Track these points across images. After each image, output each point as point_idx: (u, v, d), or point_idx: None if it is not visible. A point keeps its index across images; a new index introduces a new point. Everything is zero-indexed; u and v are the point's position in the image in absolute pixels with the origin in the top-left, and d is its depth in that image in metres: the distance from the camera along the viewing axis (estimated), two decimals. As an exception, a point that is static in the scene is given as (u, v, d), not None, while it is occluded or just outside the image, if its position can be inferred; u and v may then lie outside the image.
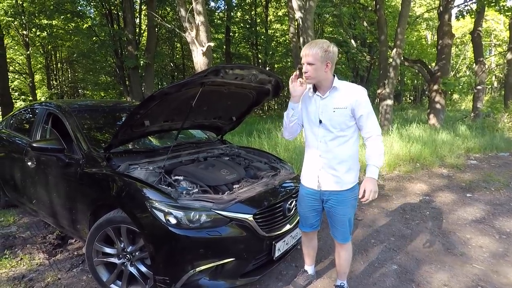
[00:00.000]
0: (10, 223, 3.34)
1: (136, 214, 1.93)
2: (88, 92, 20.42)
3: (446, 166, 6.04)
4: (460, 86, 10.16)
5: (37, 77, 19.89)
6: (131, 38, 10.55)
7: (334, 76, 1.88)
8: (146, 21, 11.90)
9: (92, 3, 13.90)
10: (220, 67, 2.08)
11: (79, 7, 13.89)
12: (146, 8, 10.20)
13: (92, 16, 15.17)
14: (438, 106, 9.88)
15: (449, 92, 11.67)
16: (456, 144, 7.44)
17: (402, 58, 9.58)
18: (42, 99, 17.47)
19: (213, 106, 2.75)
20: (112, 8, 14.04)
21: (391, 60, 8.82)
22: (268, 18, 22.11)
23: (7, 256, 2.67)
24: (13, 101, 13.80)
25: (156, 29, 13.02)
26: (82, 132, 2.58)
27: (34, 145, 2.41)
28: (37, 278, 2.39)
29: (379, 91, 9.30)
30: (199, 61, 6.16)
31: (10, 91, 14.57)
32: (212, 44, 5.81)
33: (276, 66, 25.02)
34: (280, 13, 20.58)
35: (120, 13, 13.91)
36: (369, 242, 3.03)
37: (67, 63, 20.78)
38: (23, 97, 17.30)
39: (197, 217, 1.88)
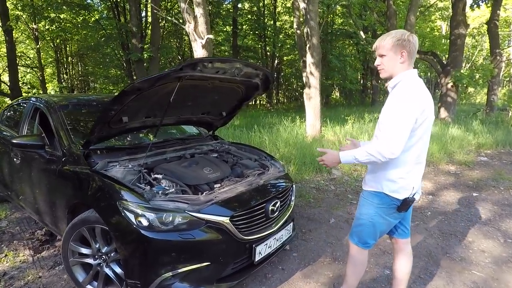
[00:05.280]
0: (1, 218, 3.34)
1: (108, 214, 1.86)
2: (97, 85, 20.64)
3: (454, 162, 5.79)
4: (474, 80, 9.72)
5: (48, 70, 20.18)
6: (135, 31, 10.49)
7: (412, 70, 1.66)
8: (152, 14, 11.84)
9: (99, -4, 13.92)
10: (197, 60, 1.97)
11: (87, 0, 13.95)
12: (150, 0, 10.10)
13: (100, 9, 15.20)
14: (449, 99, 9.51)
15: (464, 85, 11.20)
16: (466, 139, 7.15)
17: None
18: (52, 93, 17.76)
19: (199, 101, 2.64)
20: (119, 0, 14.02)
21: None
22: (277, 10, 21.73)
23: (-8, 252, 2.66)
24: (24, 94, 14.03)
25: (162, 22, 12.94)
26: (64, 128, 2.51)
27: (14, 141, 2.36)
28: (18, 276, 2.37)
29: (387, 84, 8.98)
30: (199, 54, 6.03)
31: (22, 84, 14.86)
32: (211, 36, 5.67)
33: (285, 58, 24.68)
34: (288, 4, 20.17)
35: (127, 6, 13.88)
36: (363, 244, 2.88)
37: (77, 56, 20.99)
38: (34, 91, 17.61)
39: (170, 219, 1.79)
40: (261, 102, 25.91)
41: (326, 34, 19.50)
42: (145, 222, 1.76)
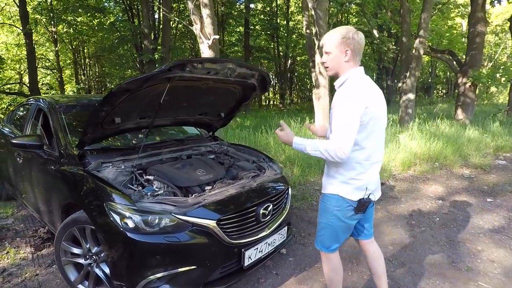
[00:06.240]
0: (8, 215, 3.44)
1: (95, 215, 1.86)
2: (114, 86, 21.12)
3: (469, 166, 5.53)
4: (495, 80, 9.29)
5: (67, 72, 20.86)
6: (147, 33, 10.66)
7: (358, 68, 1.60)
8: (164, 15, 12.00)
9: (113, -1, 14.26)
10: (186, 61, 1.94)
11: (105, 3, 14.30)
12: (161, 2, 10.23)
13: (114, 12, 15.57)
14: (467, 100, 9.13)
15: (486, 85, 10.72)
16: (484, 142, 6.83)
17: (427, 48, 8.91)
18: (71, 93, 18.33)
19: (195, 102, 2.62)
20: (134, 2, 14.31)
21: (413, 50, 8.21)
22: (290, 10, 21.58)
23: (-5, 249, 2.74)
24: (42, 95, 14.52)
25: (174, 23, 13.08)
26: (63, 129, 2.54)
27: (13, 141, 2.41)
28: (16, 273, 2.42)
29: (400, 84, 8.74)
30: (206, 55, 6.03)
31: (41, 86, 15.39)
32: (217, 36, 5.66)
33: (298, 58, 24.48)
34: (301, 4, 20.02)
35: (140, 8, 14.15)
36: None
37: (94, 58, 21.59)
38: (53, 91, 18.22)
39: (156, 221, 1.77)
40: (274, 102, 25.83)
41: (340, 33, 19.16)
42: (131, 224, 1.75)
